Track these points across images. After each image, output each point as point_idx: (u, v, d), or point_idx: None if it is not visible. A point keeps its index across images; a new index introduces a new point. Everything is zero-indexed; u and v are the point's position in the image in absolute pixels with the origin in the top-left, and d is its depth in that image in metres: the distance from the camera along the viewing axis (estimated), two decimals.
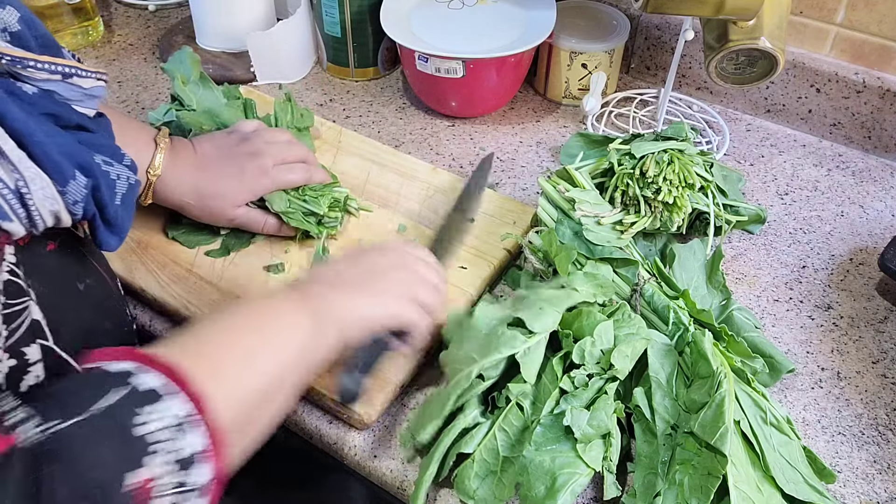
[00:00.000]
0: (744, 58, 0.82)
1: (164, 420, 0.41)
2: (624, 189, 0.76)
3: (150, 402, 0.42)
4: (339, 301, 0.59)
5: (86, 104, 0.54)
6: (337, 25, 1.02)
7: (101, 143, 0.54)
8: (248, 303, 0.58)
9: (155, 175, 0.72)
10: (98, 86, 0.55)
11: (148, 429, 0.41)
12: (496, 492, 0.59)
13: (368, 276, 0.62)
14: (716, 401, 0.57)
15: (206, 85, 0.85)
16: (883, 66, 0.93)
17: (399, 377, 0.67)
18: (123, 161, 0.55)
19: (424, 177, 0.88)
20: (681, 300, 0.69)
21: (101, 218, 0.53)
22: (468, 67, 0.92)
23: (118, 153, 0.55)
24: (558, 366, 0.62)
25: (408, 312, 0.62)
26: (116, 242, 0.55)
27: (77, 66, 0.53)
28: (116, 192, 0.54)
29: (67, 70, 0.52)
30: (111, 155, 0.54)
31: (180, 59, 0.86)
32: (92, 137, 0.53)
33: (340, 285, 0.60)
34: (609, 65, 1.00)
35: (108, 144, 0.55)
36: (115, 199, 0.54)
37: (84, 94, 0.54)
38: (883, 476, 0.64)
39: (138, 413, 0.41)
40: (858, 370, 0.72)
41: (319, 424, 0.67)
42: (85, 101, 0.54)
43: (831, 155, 0.97)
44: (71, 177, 0.49)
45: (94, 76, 0.54)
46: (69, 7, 1.08)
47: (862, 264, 0.83)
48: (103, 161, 0.53)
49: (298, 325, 0.55)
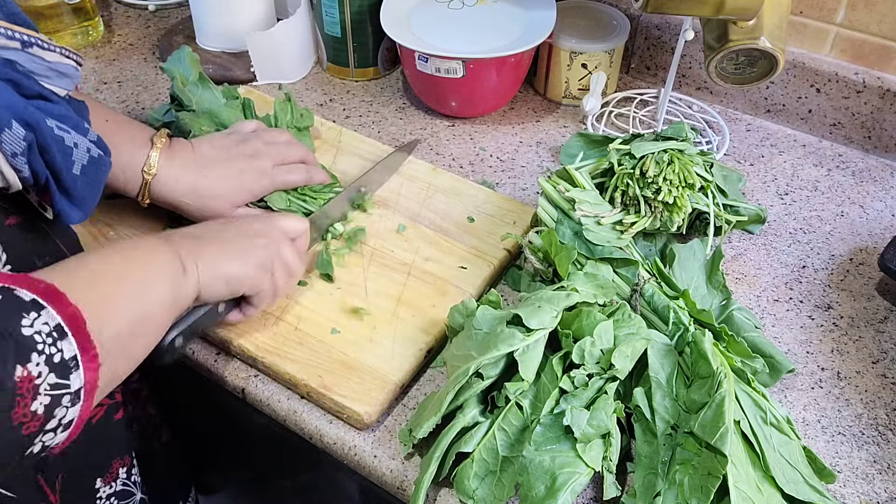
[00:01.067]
0: (744, 58, 0.82)
1: (45, 326, 0.45)
2: (624, 189, 0.76)
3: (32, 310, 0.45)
4: (207, 255, 0.61)
5: (54, 81, 0.54)
6: (337, 25, 1.02)
7: (59, 112, 0.54)
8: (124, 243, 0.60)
9: (150, 174, 0.72)
10: (67, 63, 0.55)
11: (31, 331, 0.44)
12: (496, 492, 0.59)
13: (236, 239, 0.64)
14: (716, 401, 0.57)
15: (205, 85, 0.85)
16: (883, 66, 0.93)
17: (399, 377, 0.67)
18: (88, 135, 0.56)
19: (424, 177, 0.88)
20: (681, 300, 0.69)
21: (58, 185, 0.53)
22: (468, 67, 0.92)
23: (82, 126, 0.56)
24: (558, 365, 0.62)
25: (262, 282, 0.65)
26: (78, 215, 0.56)
27: (38, 37, 0.52)
28: (74, 160, 0.54)
29: (27, 38, 0.52)
30: (72, 125, 0.54)
31: (179, 59, 0.85)
32: (50, 106, 0.53)
33: (209, 241, 0.63)
34: (609, 65, 1.00)
35: (68, 115, 0.55)
36: (73, 167, 0.54)
37: (49, 69, 0.54)
38: (883, 476, 0.64)
39: (24, 317, 0.44)
40: (858, 370, 0.72)
41: (319, 424, 0.67)
42: (53, 77, 0.54)
43: (831, 155, 0.97)
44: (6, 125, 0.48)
45: (60, 51, 0.54)
46: (69, 7, 1.08)
47: (862, 264, 0.82)
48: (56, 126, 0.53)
49: (169, 267, 0.57)
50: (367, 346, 0.69)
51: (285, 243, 0.68)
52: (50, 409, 0.44)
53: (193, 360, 0.72)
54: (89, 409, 0.48)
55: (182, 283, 0.58)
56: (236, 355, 0.71)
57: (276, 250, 0.66)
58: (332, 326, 0.71)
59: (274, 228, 0.68)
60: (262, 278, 0.65)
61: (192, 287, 0.59)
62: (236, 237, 0.65)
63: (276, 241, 0.67)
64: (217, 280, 0.61)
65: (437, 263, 0.77)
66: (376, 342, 0.70)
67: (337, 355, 0.69)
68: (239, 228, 0.66)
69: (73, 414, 0.46)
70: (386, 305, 0.73)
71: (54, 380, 0.44)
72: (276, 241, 0.67)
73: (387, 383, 0.66)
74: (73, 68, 0.56)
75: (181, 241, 0.60)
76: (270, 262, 0.65)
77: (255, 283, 0.64)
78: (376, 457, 0.64)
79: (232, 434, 0.91)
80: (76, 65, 0.56)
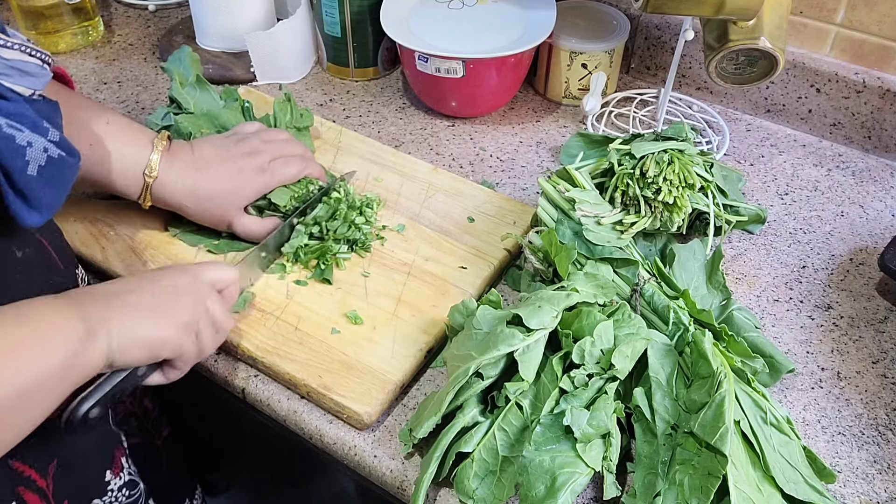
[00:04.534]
0: (744, 58, 0.82)
1: None
2: (624, 189, 0.76)
3: None
4: (121, 318, 0.55)
5: (15, 80, 0.53)
6: (337, 25, 1.02)
7: (14, 111, 0.51)
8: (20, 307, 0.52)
9: (151, 177, 0.72)
10: (29, 61, 0.53)
11: None
12: (496, 492, 0.59)
13: (158, 298, 0.59)
14: (716, 401, 0.57)
15: (202, 87, 0.85)
16: (883, 66, 0.93)
17: (399, 377, 0.67)
18: (48, 135, 0.53)
19: (424, 177, 0.88)
20: (681, 300, 0.69)
21: (10, 186, 0.51)
22: (468, 67, 0.92)
23: (40, 126, 0.53)
24: (558, 365, 0.62)
25: (184, 344, 0.59)
26: (34, 218, 0.53)
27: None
28: (28, 160, 0.51)
29: None
30: (29, 125, 0.52)
31: (179, 59, 0.86)
32: (4, 104, 0.51)
33: (126, 302, 0.57)
34: (609, 65, 1.00)
35: (24, 114, 0.52)
36: (27, 167, 0.51)
37: (8, 67, 0.52)
38: (883, 476, 0.64)
39: None
40: (858, 370, 0.72)
41: (319, 424, 0.67)
42: (14, 76, 0.52)
43: (831, 155, 0.97)
44: None
45: (21, 48, 0.52)
46: (69, 7, 1.08)
47: (862, 264, 0.82)
48: (6, 123, 0.50)
49: (69, 334, 0.52)
50: (367, 346, 0.69)
51: (213, 297, 0.62)
52: None
53: None
54: None
55: (86, 350, 0.52)
56: (236, 355, 0.71)
57: (202, 308, 0.61)
58: (332, 326, 0.71)
59: (201, 282, 0.62)
60: (185, 339, 0.59)
61: (99, 354, 0.53)
62: (158, 295, 0.59)
63: (202, 296, 0.61)
64: (133, 345, 0.55)
65: (437, 263, 0.77)
66: (376, 342, 0.70)
67: (337, 355, 0.69)
68: (161, 285, 0.60)
69: None
70: (386, 305, 0.73)
71: None
72: (202, 297, 0.61)
73: (387, 383, 0.66)
74: (37, 67, 0.54)
75: (92, 304, 0.55)
76: (196, 321, 0.60)
77: (177, 346, 0.59)
78: (376, 457, 0.64)
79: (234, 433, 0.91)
80: (41, 63, 0.55)
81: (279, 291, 0.74)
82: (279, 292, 0.74)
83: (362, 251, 0.78)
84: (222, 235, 0.79)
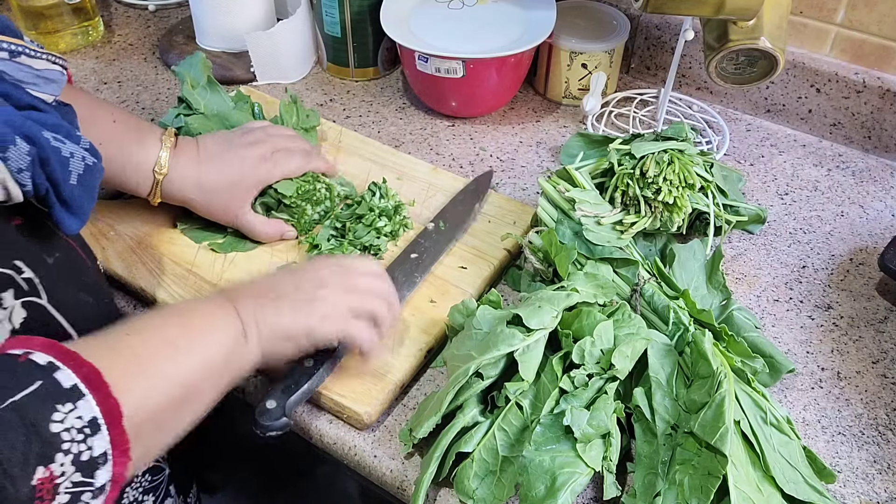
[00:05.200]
0: (744, 58, 0.82)
1: (78, 421, 0.42)
2: (624, 189, 0.76)
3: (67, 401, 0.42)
4: (268, 312, 0.58)
5: (42, 88, 0.54)
6: (337, 25, 1.02)
7: (52, 122, 0.53)
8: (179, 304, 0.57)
9: (161, 174, 0.73)
10: (52, 69, 0.54)
11: (62, 427, 0.41)
12: (495, 491, 0.59)
13: (302, 290, 0.60)
14: (716, 401, 0.57)
15: (213, 89, 0.86)
16: (883, 66, 0.93)
17: (399, 377, 0.67)
18: (80, 143, 0.55)
19: (424, 177, 0.88)
20: (681, 300, 0.69)
21: (57, 196, 0.53)
22: (468, 67, 0.92)
23: (74, 134, 0.55)
24: (558, 365, 0.62)
25: (346, 327, 0.61)
26: (76, 224, 0.55)
27: (25, 46, 0.52)
28: (71, 170, 0.53)
29: (14, 48, 0.51)
30: (65, 134, 0.53)
31: (191, 64, 0.87)
32: (43, 116, 0.53)
33: (271, 296, 0.59)
34: (609, 65, 1.00)
35: (61, 124, 0.54)
36: (70, 177, 0.53)
37: (37, 77, 0.53)
38: (883, 476, 0.64)
39: (56, 409, 0.42)
40: (858, 370, 0.72)
41: (319, 424, 0.67)
42: (41, 84, 0.54)
43: (831, 155, 0.97)
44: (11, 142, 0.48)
45: (47, 57, 0.54)
46: (69, 7, 1.08)
47: (862, 264, 0.82)
48: (53, 137, 0.52)
49: (225, 332, 0.55)
50: None
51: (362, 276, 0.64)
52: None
53: None
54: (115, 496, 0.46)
55: (240, 350, 0.55)
56: None
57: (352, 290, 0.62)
58: None
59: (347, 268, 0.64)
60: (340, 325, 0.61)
61: (253, 351, 0.57)
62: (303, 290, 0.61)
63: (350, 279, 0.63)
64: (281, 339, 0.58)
65: (438, 263, 0.77)
66: None
67: None
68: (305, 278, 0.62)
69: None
70: None
71: (78, 478, 0.42)
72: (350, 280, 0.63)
73: (387, 383, 0.66)
74: (59, 73, 0.55)
75: (240, 300, 0.57)
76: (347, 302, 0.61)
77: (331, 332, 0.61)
78: (376, 457, 0.64)
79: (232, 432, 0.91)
80: (62, 70, 0.56)
81: None
82: None
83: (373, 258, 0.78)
84: (227, 232, 0.79)
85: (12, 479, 0.39)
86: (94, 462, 0.43)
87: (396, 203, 0.81)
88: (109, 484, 0.44)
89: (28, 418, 0.41)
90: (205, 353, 0.53)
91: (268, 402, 0.61)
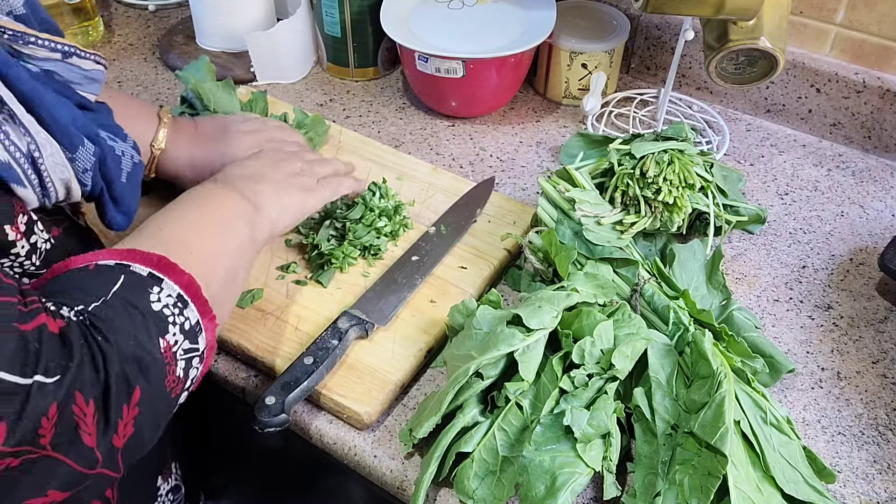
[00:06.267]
0: (744, 58, 0.82)
1: (169, 298, 0.48)
2: (624, 189, 0.76)
3: (153, 285, 0.48)
4: (265, 193, 0.64)
5: (86, 88, 0.56)
6: (337, 25, 1.02)
7: (104, 121, 0.56)
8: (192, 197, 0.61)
9: (158, 149, 0.75)
10: (97, 69, 0.56)
11: (160, 304, 0.47)
12: (495, 491, 0.59)
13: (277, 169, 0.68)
14: (716, 401, 0.57)
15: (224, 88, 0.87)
16: (883, 66, 0.93)
17: (399, 377, 0.67)
18: (127, 141, 0.58)
19: (424, 177, 0.88)
20: (681, 300, 0.69)
21: (109, 194, 0.56)
22: (468, 67, 0.92)
23: (121, 132, 0.58)
24: (558, 365, 0.62)
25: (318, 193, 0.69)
26: (125, 221, 0.59)
27: (76, 46, 0.54)
28: (122, 168, 0.56)
29: (67, 49, 0.53)
30: (115, 133, 0.56)
31: (197, 68, 0.88)
32: (97, 116, 0.55)
33: (259, 179, 0.65)
34: (609, 65, 1.00)
35: (111, 124, 0.57)
36: (122, 175, 0.56)
37: (84, 77, 0.55)
38: (883, 476, 0.64)
39: (149, 293, 0.47)
40: (858, 370, 0.72)
41: (319, 424, 0.67)
42: (85, 84, 0.55)
43: (831, 155, 0.97)
44: (80, 143, 0.51)
45: (93, 58, 0.55)
46: (69, 7, 1.08)
47: (862, 264, 0.82)
48: (108, 137, 0.55)
49: (242, 214, 0.60)
50: (366, 346, 0.69)
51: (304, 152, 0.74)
52: (186, 372, 0.49)
53: None
54: (208, 366, 0.51)
55: (257, 220, 0.61)
56: (236, 355, 0.71)
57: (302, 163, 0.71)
58: None
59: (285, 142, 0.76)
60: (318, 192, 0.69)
61: (266, 223, 0.62)
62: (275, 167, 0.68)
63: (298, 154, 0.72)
64: (286, 212, 0.65)
65: (438, 263, 0.77)
66: (376, 342, 0.70)
67: None
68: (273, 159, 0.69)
69: (198, 373, 0.51)
70: None
71: (188, 345, 0.49)
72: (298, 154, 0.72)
73: (387, 383, 0.66)
74: (102, 73, 0.57)
75: (241, 183, 0.63)
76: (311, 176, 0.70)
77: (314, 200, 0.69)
78: (376, 457, 0.64)
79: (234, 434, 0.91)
80: (104, 69, 0.58)
81: (279, 291, 0.74)
82: (279, 292, 0.74)
83: (373, 258, 0.78)
84: None
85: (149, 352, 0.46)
86: (194, 330, 0.49)
87: (396, 203, 0.81)
88: (206, 350, 0.51)
89: (132, 303, 0.46)
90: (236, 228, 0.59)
91: (267, 398, 0.61)
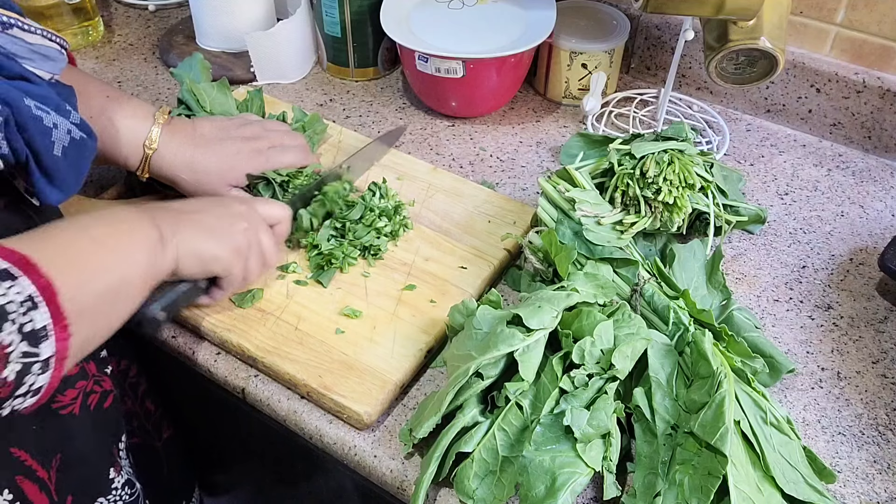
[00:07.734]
0: (744, 58, 0.82)
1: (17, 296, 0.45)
2: (624, 189, 0.76)
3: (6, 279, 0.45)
4: (186, 231, 0.62)
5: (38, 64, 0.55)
6: (337, 25, 1.02)
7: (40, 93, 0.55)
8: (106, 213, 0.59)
9: (151, 149, 0.74)
10: (49, 46, 0.55)
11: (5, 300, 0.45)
12: (495, 491, 0.59)
13: (218, 220, 0.65)
14: (716, 401, 0.57)
15: (220, 88, 0.87)
16: (883, 66, 0.93)
17: (399, 377, 0.67)
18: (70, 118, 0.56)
19: (424, 177, 0.88)
20: (681, 300, 0.69)
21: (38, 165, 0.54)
22: (468, 67, 0.92)
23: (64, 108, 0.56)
24: (558, 365, 0.62)
25: (235, 266, 0.66)
26: (57, 196, 0.57)
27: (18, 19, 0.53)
28: (54, 140, 0.55)
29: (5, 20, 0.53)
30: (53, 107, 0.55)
31: (190, 65, 0.87)
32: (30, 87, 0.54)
33: (191, 218, 0.63)
34: (609, 65, 1.00)
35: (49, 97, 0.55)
36: (53, 148, 0.55)
37: (31, 51, 0.54)
38: (883, 476, 0.64)
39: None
40: (858, 370, 0.72)
41: (319, 424, 0.67)
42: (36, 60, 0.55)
43: (831, 155, 0.97)
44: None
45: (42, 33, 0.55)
46: (69, 7, 1.08)
47: (862, 264, 0.82)
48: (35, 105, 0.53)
49: (149, 239, 0.58)
50: (367, 346, 0.69)
51: (264, 230, 0.68)
52: (20, 376, 0.46)
53: (193, 360, 0.72)
54: (59, 376, 0.49)
55: (160, 254, 0.58)
56: (236, 355, 0.71)
57: (254, 236, 0.67)
58: (336, 327, 0.71)
59: (255, 213, 0.68)
60: (236, 262, 0.65)
61: (169, 260, 0.60)
62: (218, 217, 0.65)
63: (255, 226, 0.67)
64: (193, 257, 0.62)
65: (438, 263, 0.77)
66: (376, 342, 0.70)
67: (337, 355, 0.69)
68: (221, 209, 0.66)
69: (42, 381, 0.47)
70: (386, 305, 0.73)
71: (26, 348, 0.46)
72: (255, 227, 0.67)
73: (387, 383, 0.66)
74: (56, 52, 0.56)
75: (163, 214, 0.61)
76: (247, 247, 0.66)
77: (228, 266, 0.65)
78: (376, 457, 0.64)
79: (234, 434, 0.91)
80: (60, 48, 0.57)
81: (279, 291, 0.74)
82: (279, 292, 0.74)
83: (373, 258, 0.77)
84: None
85: None
86: (37, 334, 0.46)
87: (396, 203, 0.81)
88: (54, 360, 0.47)
89: None
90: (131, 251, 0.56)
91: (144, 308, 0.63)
